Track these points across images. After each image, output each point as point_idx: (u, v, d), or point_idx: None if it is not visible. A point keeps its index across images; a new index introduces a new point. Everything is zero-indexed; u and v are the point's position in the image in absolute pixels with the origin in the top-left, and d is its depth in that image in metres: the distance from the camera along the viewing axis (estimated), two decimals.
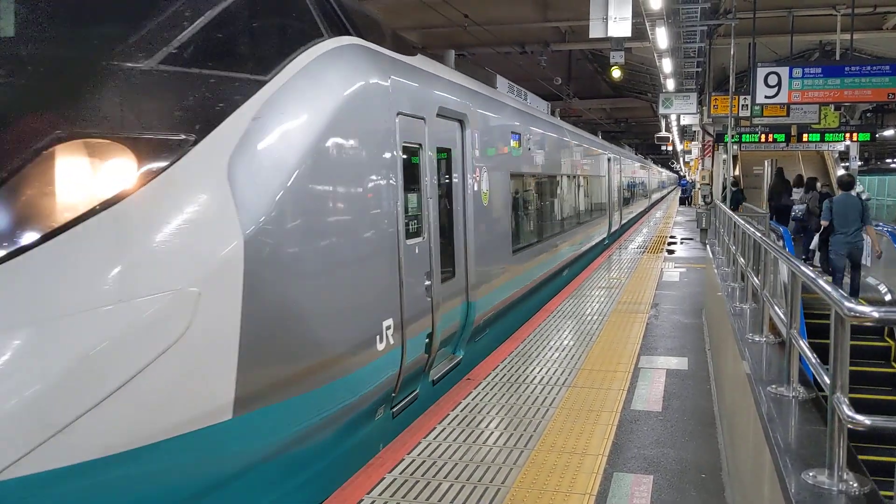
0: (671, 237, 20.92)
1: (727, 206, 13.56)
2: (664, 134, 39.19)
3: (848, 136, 22.66)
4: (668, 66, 18.09)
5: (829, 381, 2.55)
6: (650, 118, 39.83)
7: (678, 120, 31.44)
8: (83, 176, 3.59)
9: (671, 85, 21.08)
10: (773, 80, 13.60)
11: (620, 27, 11.65)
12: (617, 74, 17.27)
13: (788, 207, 18.50)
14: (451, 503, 4.18)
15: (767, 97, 13.75)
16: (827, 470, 2.53)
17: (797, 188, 19.52)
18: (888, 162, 60.20)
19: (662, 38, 14.67)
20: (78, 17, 4.23)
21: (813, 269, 3.27)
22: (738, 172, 26.16)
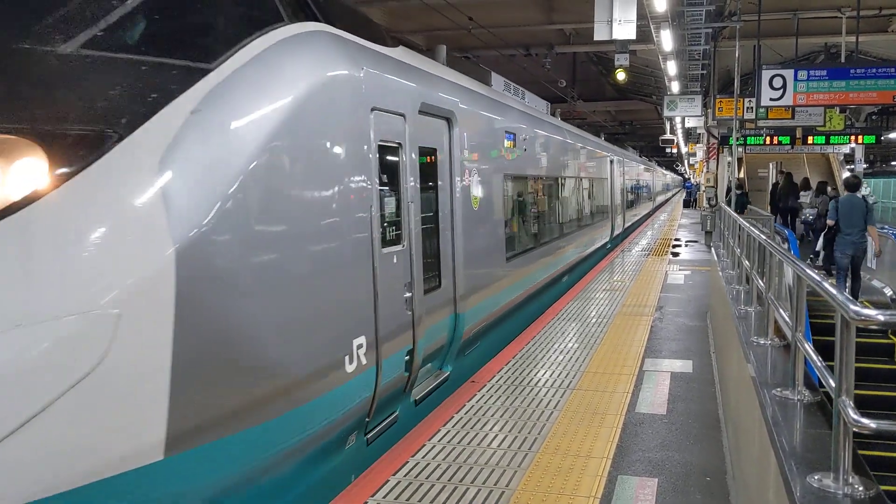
0: (676, 240, 20.90)
1: (732, 208, 13.54)
2: (669, 136, 39.18)
3: (853, 138, 22.64)
4: (672, 68, 18.09)
5: (834, 384, 2.54)
6: (655, 121, 39.82)
7: (683, 122, 31.50)
8: None
9: (676, 87, 21.08)
10: (778, 82, 13.61)
11: (625, 30, 11.65)
12: (621, 77, 17.25)
13: (795, 210, 18.60)
14: None
15: (772, 99, 13.76)
16: (832, 473, 2.52)
17: (804, 191, 19.60)
18: (893, 164, 60.04)
19: (667, 40, 14.67)
20: None
21: (817, 270, 3.26)
22: (742, 175, 26.14)
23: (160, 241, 3.24)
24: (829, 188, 17.82)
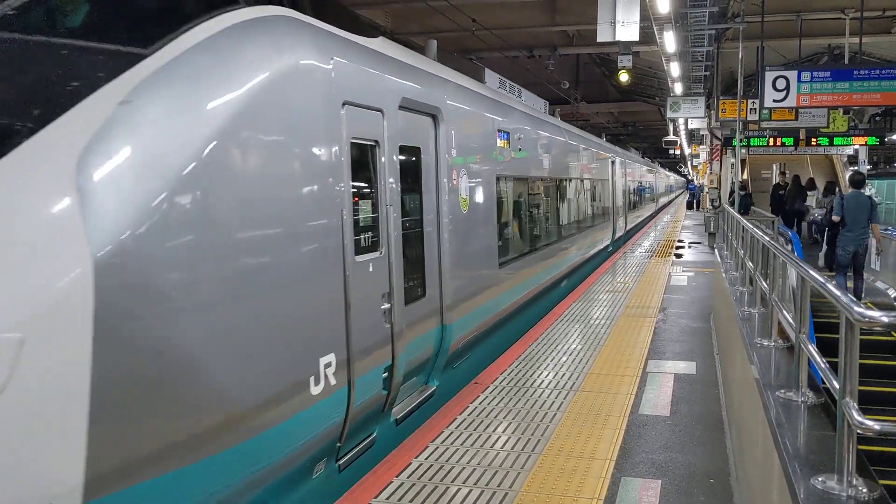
0: (679, 241, 20.89)
1: (735, 209, 13.54)
2: (672, 138, 39.21)
3: (857, 139, 22.62)
4: (675, 69, 18.10)
5: (838, 385, 2.54)
6: (658, 122, 39.83)
7: (686, 124, 31.49)
8: None
9: (679, 89, 21.09)
10: (781, 83, 13.60)
11: (628, 31, 11.66)
12: (625, 78, 17.27)
13: (802, 213, 18.65)
14: None
15: (776, 101, 13.76)
16: (836, 475, 2.52)
17: (810, 191, 19.64)
18: None
19: (670, 41, 14.68)
20: None
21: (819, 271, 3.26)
22: (745, 176, 26.13)
23: (75, 251, 2.82)
24: (837, 188, 17.81)
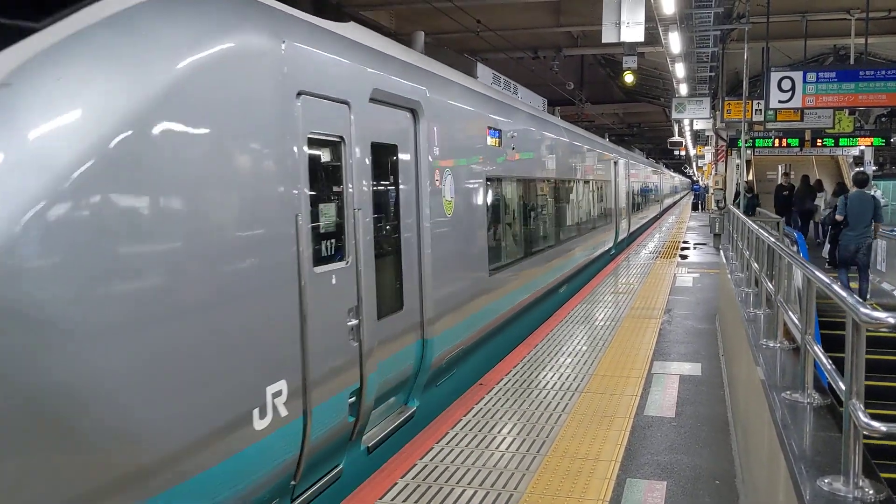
0: (684, 242, 20.86)
1: (741, 210, 13.52)
2: (677, 139, 39.17)
3: (862, 140, 22.57)
4: (681, 70, 18.08)
5: (844, 387, 2.54)
6: (663, 123, 39.81)
7: (691, 125, 31.44)
8: None
9: (684, 90, 21.07)
10: (786, 84, 13.59)
11: (633, 32, 11.67)
12: (629, 79, 17.28)
13: (811, 212, 18.71)
14: None
15: (781, 102, 13.74)
16: (842, 477, 2.51)
17: (819, 192, 19.66)
18: None
19: (675, 42, 14.66)
20: None
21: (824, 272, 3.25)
22: (751, 177, 26.08)
23: None
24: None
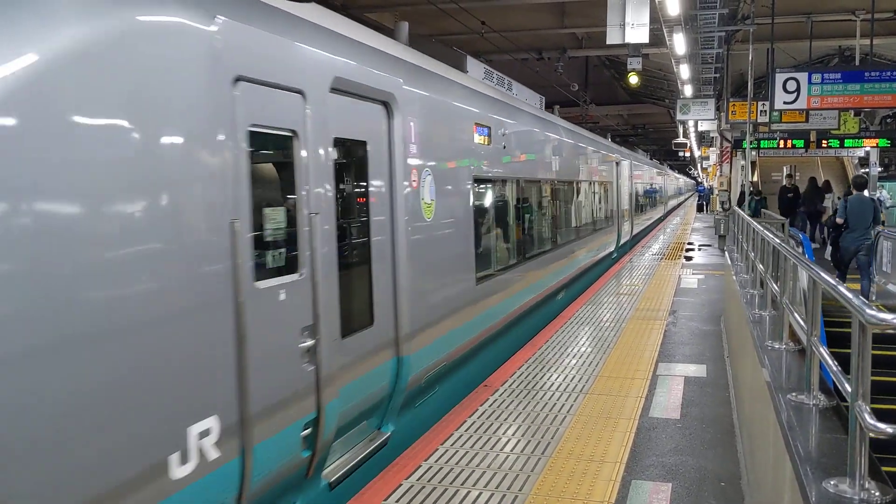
0: (689, 244, 20.83)
1: (745, 211, 13.50)
2: (682, 140, 39.12)
3: (868, 141, 22.52)
4: (685, 71, 18.07)
5: (850, 388, 2.53)
6: (668, 124, 39.77)
7: (696, 126, 31.40)
8: None
9: (689, 91, 21.06)
10: (791, 85, 13.58)
11: (638, 33, 11.65)
12: (634, 80, 17.24)
13: (819, 213, 18.76)
14: None
15: (786, 103, 13.73)
16: (848, 479, 2.51)
17: (827, 194, 19.67)
18: None
19: (680, 44, 14.66)
20: None
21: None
22: (756, 178, 26.04)
23: None
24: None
